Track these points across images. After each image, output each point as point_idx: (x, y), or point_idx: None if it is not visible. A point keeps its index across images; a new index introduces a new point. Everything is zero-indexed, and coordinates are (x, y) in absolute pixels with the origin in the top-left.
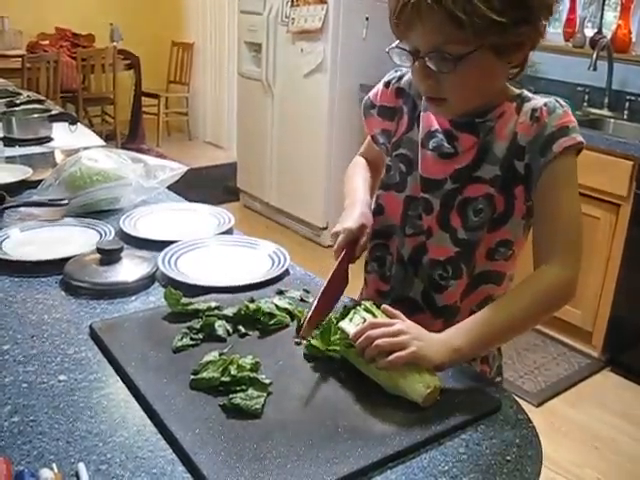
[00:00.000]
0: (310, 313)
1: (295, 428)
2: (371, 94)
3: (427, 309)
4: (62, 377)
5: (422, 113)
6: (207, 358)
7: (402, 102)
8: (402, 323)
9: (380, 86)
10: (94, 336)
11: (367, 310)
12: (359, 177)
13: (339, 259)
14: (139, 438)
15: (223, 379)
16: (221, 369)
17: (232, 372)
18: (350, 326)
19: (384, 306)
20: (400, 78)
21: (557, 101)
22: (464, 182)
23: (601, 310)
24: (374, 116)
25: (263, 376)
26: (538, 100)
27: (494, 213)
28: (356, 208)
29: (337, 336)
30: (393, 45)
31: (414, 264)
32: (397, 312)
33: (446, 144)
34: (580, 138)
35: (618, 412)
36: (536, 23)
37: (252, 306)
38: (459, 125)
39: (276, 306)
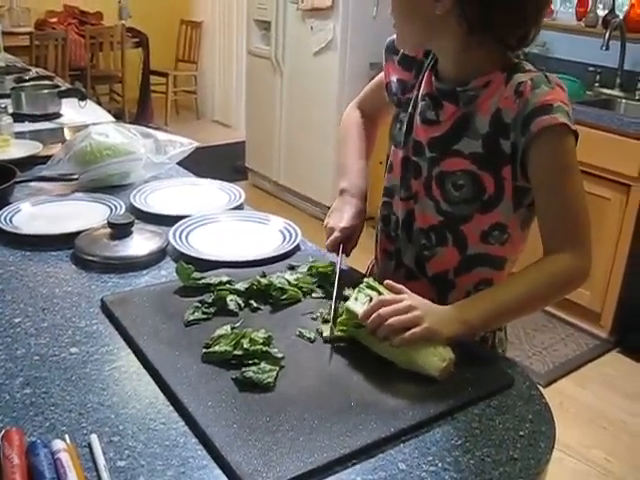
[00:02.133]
0: (332, 313)
1: (307, 402)
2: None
3: (421, 276)
4: (74, 350)
5: (425, 74)
6: (219, 332)
7: (423, 55)
8: (410, 298)
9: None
10: (105, 309)
11: (370, 287)
12: (354, 144)
13: (340, 253)
14: (151, 410)
15: (236, 352)
16: (233, 343)
17: (245, 345)
18: (357, 305)
19: (387, 281)
20: None
21: (546, 76)
22: (441, 154)
23: (610, 291)
24: (394, 62)
25: (275, 350)
26: (528, 73)
27: (483, 194)
28: (353, 205)
29: (344, 316)
30: None
31: (407, 229)
32: (401, 286)
33: (429, 110)
34: (563, 119)
35: (627, 393)
36: None
37: (264, 281)
38: (443, 93)
39: (287, 281)
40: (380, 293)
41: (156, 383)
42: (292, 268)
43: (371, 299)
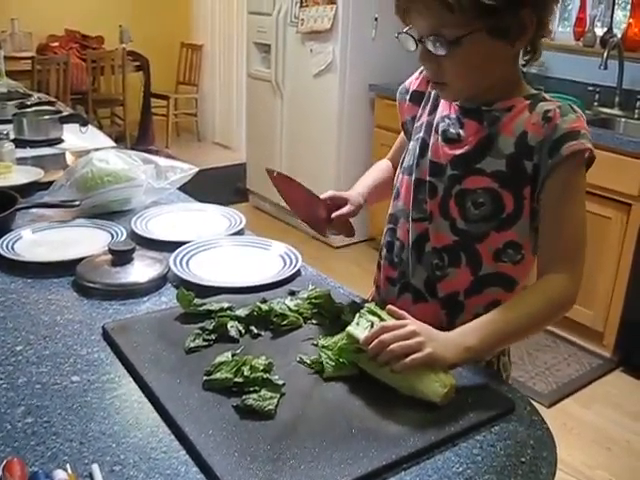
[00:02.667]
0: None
1: (308, 429)
2: (407, 81)
3: (430, 298)
4: (75, 378)
5: (442, 99)
6: (220, 359)
7: (430, 88)
8: (413, 324)
9: (415, 74)
10: (107, 337)
11: (372, 312)
12: (370, 175)
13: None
14: (153, 439)
15: (236, 380)
16: (234, 370)
17: (245, 373)
18: (358, 330)
19: (389, 307)
20: None
21: (571, 106)
22: (464, 172)
23: (612, 310)
24: (406, 102)
25: (276, 377)
26: (552, 102)
27: (502, 212)
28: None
29: (345, 341)
30: (402, 30)
31: (418, 250)
32: (403, 312)
33: (451, 129)
34: (590, 145)
35: (631, 413)
36: (537, 7)
37: (264, 307)
38: (466, 112)
39: (288, 307)
40: (382, 319)
41: (157, 411)
42: (292, 293)
43: (372, 324)
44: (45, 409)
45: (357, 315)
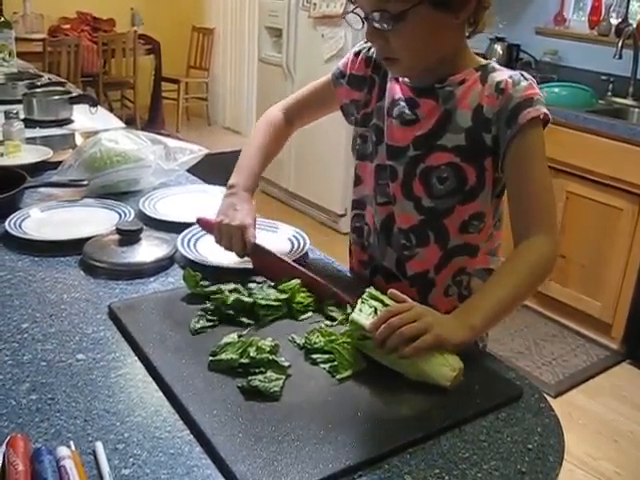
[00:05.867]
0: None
1: (314, 411)
2: (341, 63)
3: (402, 278)
4: (80, 356)
5: (388, 82)
6: (226, 339)
7: (372, 71)
8: (417, 306)
9: (350, 55)
10: (113, 316)
11: (374, 297)
12: (257, 143)
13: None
14: (157, 418)
15: (242, 361)
16: (240, 351)
17: (251, 354)
18: (362, 317)
19: (391, 291)
20: (370, 48)
21: (522, 74)
22: (426, 150)
23: (621, 302)
24: (344, 85)
25: (282, 359)
26: (503, 72)
27: (465, 185)
28: (246, 201)
29: (349, 328)
30: (348, 10)
31: (386, 233)
32: (404, 296)
33: (407, 111)
34: (545, 110)
35: (637, 404)
36: None
37: (246, 299)
38: (419, 91)
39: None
40: (385, 304)
41: (162, 391)
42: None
43: (376, 310)
44: (50, 386)
45: (359, 301)
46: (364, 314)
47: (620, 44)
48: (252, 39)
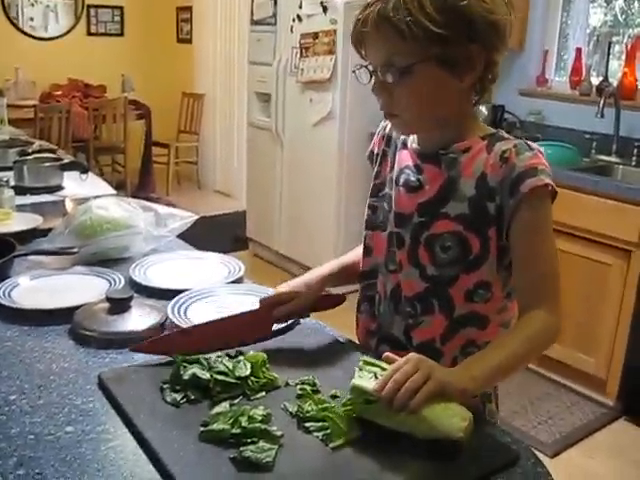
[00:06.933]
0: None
1: None
2: (370, 148)
3: (410, 347)
4: (69, 428)
5: (397, 152)
6: (218, 409)
7: (385, 145)
8: (413, 358)
9: (374, 138)
10: (102, 386)
11: (370, 364)
12: (330, 266)
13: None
14: None
15: (234, 431)
16: (231, 421)
17: (243, 424)
18: (363, 381)
19: (386, 354)
20: (387, 126)
21: (527, 143)
22: (430, 217)
23: (615, 358)
24: (372, 165)
25: (274, 428)
26: (509, 141)
27: (469, 254)
28: (301, 279)
29: (351, 395)
30: (358, 64)
31: (395, 300)
32: (398, 357)
33: (412, 177)
34: (548, 180)
35: (635, 461)
36: (486, 45)
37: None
38: (424, 157)
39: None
40: (383, 368)
41: (152, 464)
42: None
43: (375, 374)
44: (38, 460)
45: (357, 369)
46: (365, 379)
47: (602, 103)
48: (241, 104)
